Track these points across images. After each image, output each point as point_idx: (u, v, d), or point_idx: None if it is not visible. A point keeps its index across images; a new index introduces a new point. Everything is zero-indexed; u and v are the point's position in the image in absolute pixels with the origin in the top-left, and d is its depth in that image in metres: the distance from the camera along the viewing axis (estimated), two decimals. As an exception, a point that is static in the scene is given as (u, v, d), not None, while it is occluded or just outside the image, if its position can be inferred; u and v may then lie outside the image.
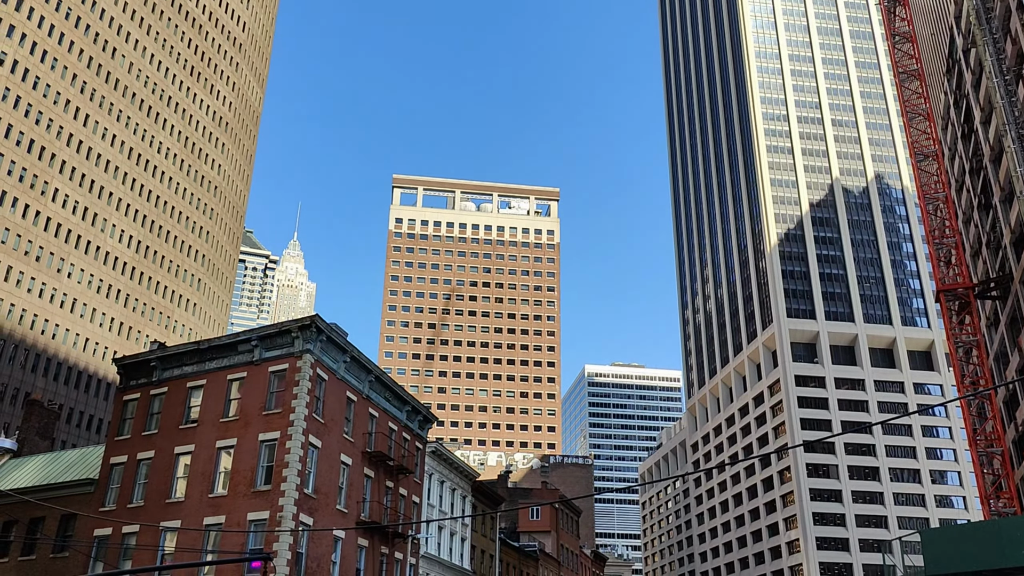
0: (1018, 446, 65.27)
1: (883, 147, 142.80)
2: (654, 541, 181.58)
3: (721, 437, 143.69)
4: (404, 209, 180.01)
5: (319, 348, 35.78)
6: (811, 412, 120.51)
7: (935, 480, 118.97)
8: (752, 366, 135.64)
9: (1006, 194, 59.30)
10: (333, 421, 36.35)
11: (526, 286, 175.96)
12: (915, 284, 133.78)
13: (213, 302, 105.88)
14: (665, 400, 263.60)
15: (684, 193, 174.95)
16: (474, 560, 52.38)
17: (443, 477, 48.54)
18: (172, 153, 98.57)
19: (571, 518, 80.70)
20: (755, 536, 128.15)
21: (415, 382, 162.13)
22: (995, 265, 65.69)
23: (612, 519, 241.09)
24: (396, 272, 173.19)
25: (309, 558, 33.48)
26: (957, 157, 73.72)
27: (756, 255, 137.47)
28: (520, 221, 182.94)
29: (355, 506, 37.26)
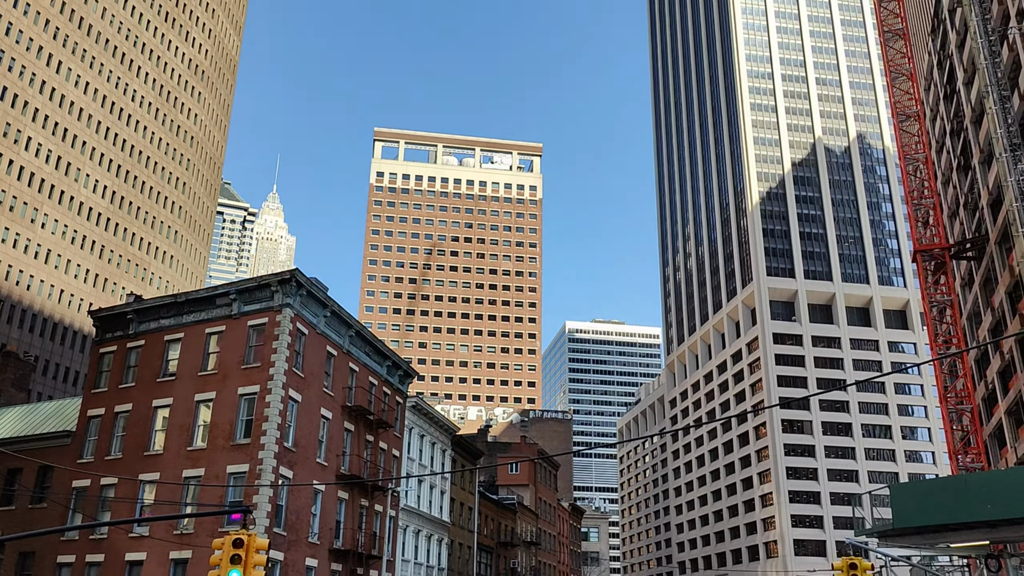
0: (987, 403, 66.62)
1: (866, 107, 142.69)
2: (631, 494, 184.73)
3: (699, 393, 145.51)
4: (385, 163, 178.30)
5: (299, 302, 35.62)
6: (788, 369, 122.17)
7: (905, 436, 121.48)
8: (731, 323, 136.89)
9: (985, 156, 59.59)
10: (313, 375, 36.37)
11: (508, 242, 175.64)
12: (893, 244, 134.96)
13: (190, 254, 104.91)
14: (644, 357, 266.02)
15: (668, 151, 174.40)
16: (453, 512, 53.06)
17: (423, 431, 48.88)
18: (147, 102, 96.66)
19: (549, 472, 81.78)
20: (730, 490, 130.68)
21: (395, 337, 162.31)
22: (971, 226, 66.28)
23: (590, 472, 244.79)
24: (377, 226, 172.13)
25: (289, 511, 33.75)
26: (938, 118, 73.81)
27: (738, 213, 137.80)
28: (502, 176, 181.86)
29: (335, 460, 37.49)
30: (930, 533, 23.16)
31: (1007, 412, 60.01)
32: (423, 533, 47.59)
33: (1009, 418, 60.02)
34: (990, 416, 65.96)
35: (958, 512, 21.85)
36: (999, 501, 20.79)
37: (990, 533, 21.93)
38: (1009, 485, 21.47)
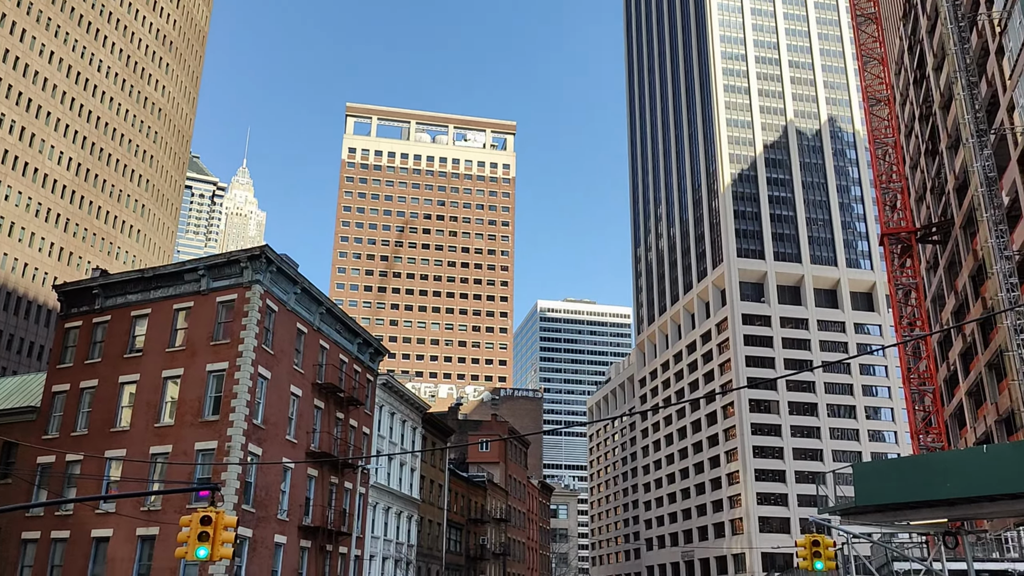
0: (949, 385, 68.01)
1: (838, 91, 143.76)
2: (600, 472, 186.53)
3: (668, 373, 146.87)
4: (357, 139, 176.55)
5: (269, 279, 35.28)
6: (756, 350, 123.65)
7: (869, 416, 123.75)
8: (701, 304, 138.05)
9: (952, 141, 60.38)
10: (283, 352, 36.13)
11: (480, 220, 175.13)
12: (861, 227, 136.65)
13: (158, 229, 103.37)
14: (615, 336, 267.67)
15: (641, 131, 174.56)
16: (423, 490, 53.23)
17: (394, 409, 48.85)
18: (113, 72, 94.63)
19: (519, 450, 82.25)
20: (697, 468, 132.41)
21: (367, 314, 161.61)
22: (938, 210, 67.29)
23: (560, 450, 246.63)
24: (349, 203, 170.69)
25: (258, 488, 33.63)
26: (908, 103, 74.58)
27: (709, 195, 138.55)
28: (475, 154, 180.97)
29: (305, 437, 37.38)
30: (891, 511, 23.63)
31: (967, 393, 61.32)
32: (393, 510, 47.72)
33: (969, 399, 61.35)
34: (951, 397, 67.37)
35: (919, 490, 22.28)
36: (958, 480, 21.25)
37: (949, 511, 22.43)
38: (968, 464, 21.94)
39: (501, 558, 69.96)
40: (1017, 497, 20.86)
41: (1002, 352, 47.34)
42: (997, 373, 54.52)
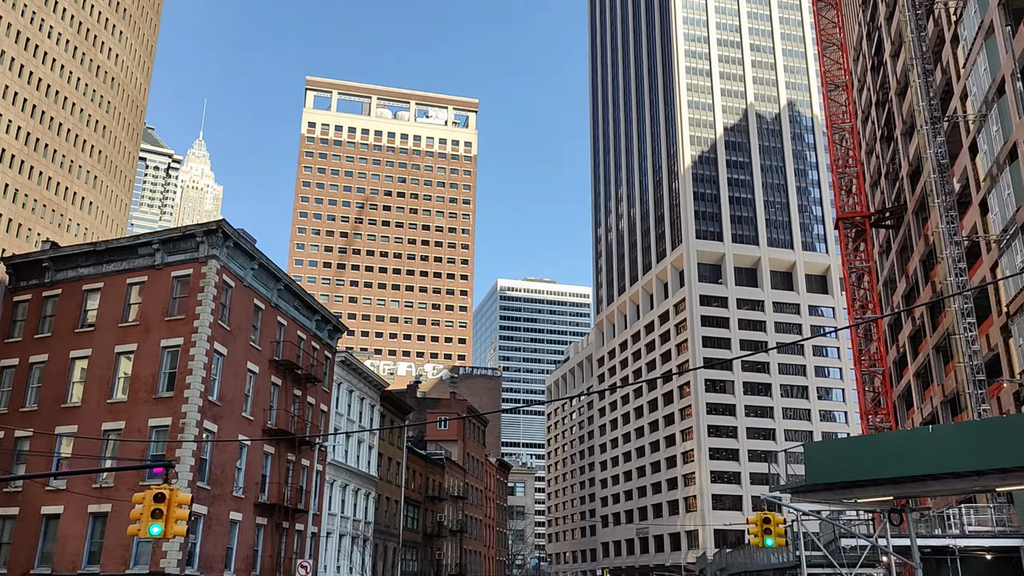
0: (898, 366, 69.76)
1: (797, 75, 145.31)
2: (558, 450, 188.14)
3: (627, 352, 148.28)
4: (317, 113, 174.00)
5: (225, 254, 34.73)
6: (713, 331, 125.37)
7: (821, 396, 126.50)
8: (660, 285, 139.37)
9: (907, 127, 61.50)
10: (239, 329, 35.66)
11: (441, 198, 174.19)
12: (817, 211, 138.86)
13: (111, 201, 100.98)
14: (575, 316, 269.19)
15: (603, 112, 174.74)
16: (381, 467, 53.18)
17: (352, 386, 48.62)
18: (64, 39, 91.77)
19: (478, 428, 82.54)
20: (653, 447, 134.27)
21: (326, 291, 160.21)
22: (891, 196, 68.62)
23: (518, 428, 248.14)
24: (308, 178, 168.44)
25: (213, 464, 33.30)
26: (865, 89, 75.72)
27: (670, 176, 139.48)
28: (437, 131, 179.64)
29: (262, 414, 37.05)
30: (840, 489, 24.21)
31: (915, 375, 62.98)
32: (350, 487, 47.64)
33: (917, 380, 63.01)
34: (900, 378, 69.13)
35: (867, 469, 22.84)
36: (904, 459, 21.83)
37: (895, 489, 23.07)
38: (914, 444, 22.54)
39: (458, 535, 70.37)
40: (960, 475, 21.50)
41: (949, 335, 48.62)
42: (944, 356, 56.03)
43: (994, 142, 43.26)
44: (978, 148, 46.25)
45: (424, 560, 61.69)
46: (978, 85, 44.74)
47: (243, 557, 34.95)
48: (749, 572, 45.85)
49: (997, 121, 42.63)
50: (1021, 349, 41.99)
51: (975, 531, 36.29)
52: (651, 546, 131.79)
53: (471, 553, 75.58)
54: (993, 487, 21.73)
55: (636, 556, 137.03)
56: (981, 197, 46.11)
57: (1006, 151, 42.01)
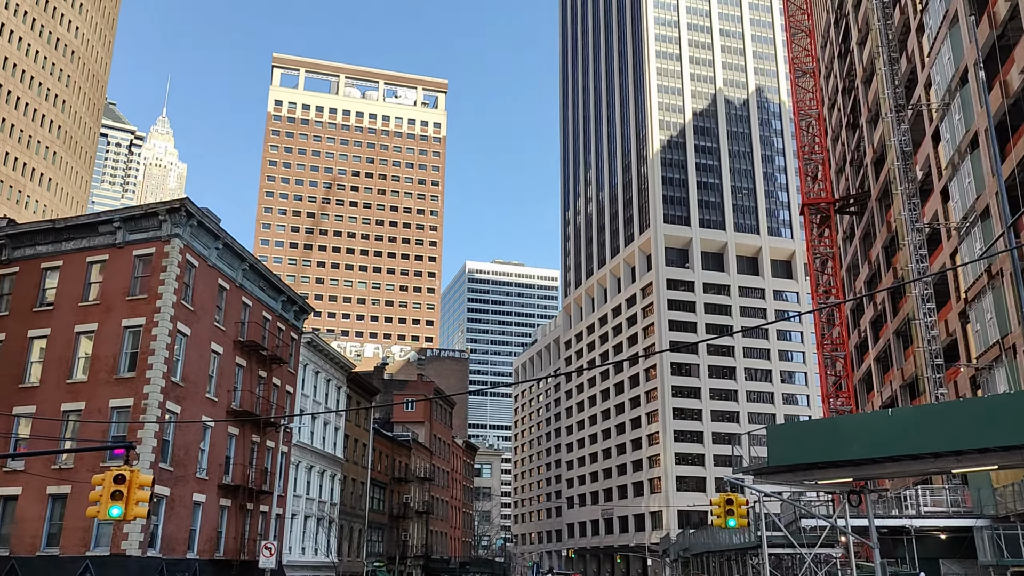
0: (859, 351, 71.02)
1: (766, 61, 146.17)
2: (524, 432, 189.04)
3: (594, 335, 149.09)
4: (284, 91, 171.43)
5: (189, 233, 34.15)
6: (680, 315, 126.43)
7: (784, 380, 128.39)
8: (627, 268, 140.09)
9: (872, 115, 62.26)
10: (203, 309, 35.16)
11: (410, 179, 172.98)
12: (783, 197, 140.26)
13: (71, 178, 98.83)
14: (543, 299, 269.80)
15: (573, 95, 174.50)
16: (347, 449, 53.00)
17: (318, 368, 48.29)
18: (23, 11, 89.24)
19: (445, 409, 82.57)
20: (619, 429, 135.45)
21: (292, 272, 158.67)
22: (856, 183, 69.55)
23: (485, 410, 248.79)
24: (274, 157, 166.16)
25: (176, 446, 32.90)
26: (832, 76, 76.45)
27: (639, 160, 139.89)
28: (406, 111, 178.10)
29: (226, 395, 36.64)
30: (801, 471, 24.58)
31: (876, 359, 64.16)
32: (316, 469, 47.43)
33: (877, 364, 64.22)
34: (861, 362, 70.39)
35: (828, 451, 23.20)
36: (864, 441, 22.21)
37: (855, 471, 23.47)
38: (873, 427, 22.94)
39: (424, 516, 70.49)
40: (918, 458, 21.94)
41: (909, 320, 49.52)
42: (904, 340, 57.12)
43: (956, 131, 43.94)
44: (941, 137, 46.96)
45: (390, 541, 61.75)
46: (942, 74, 45.35)
47: (207, 539, 34.69)
48: (711, 552, 46.55)
49: (960, 110, 43.28)
50: (978, 335, 42.92)
51: (930, 511, 37.18)
52: (616, 527, 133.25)
53: (437, 534, 75.80)
54: (949, 469, 22.22)
55: (601, 537, 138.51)
56: (943, 185, 46.90)
57: (967, 140, 42.70)
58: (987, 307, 41.30)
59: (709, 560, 49.37)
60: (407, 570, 66.22)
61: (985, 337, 41.41)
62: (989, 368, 41.68)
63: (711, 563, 48.78)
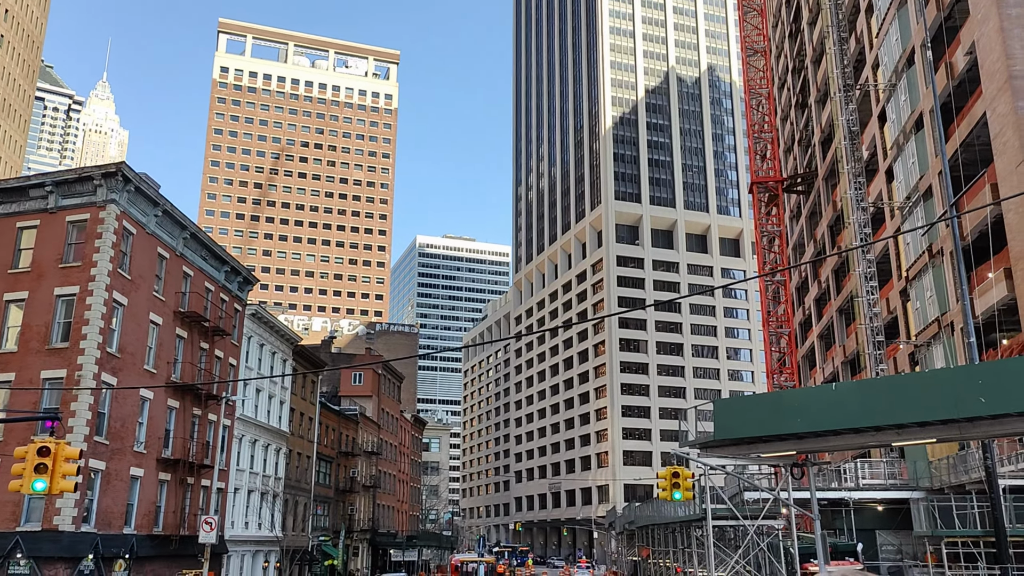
0: (803, 328, 72.39)
1: (718, 40, 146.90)
2: (474, 407, 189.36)
3: (544, 311, 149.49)
4: (231, 58, 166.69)
5: (126, 199, 32.84)
6: (629, 291, 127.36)
7: (730, 356, 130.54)
8: (578, 244, 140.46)
9: (821, 95, 62.95)
10: (142, 278, 33.94)
11: (360, 151, 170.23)
12: (732, 176, 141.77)
13: (4, 142, 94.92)
14: (494, 274, 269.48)
15: (527, 69, 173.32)
16: (293, 422, 52.20)
17: (263, 340, 47.28)
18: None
19: (393, 383, 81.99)
20: (567, 403, 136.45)
21: (238, 243, 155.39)
22: (803, 162, 70.45)
23: (435, 386, 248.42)
24: (220, 125, 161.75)
25: (112, 418, 31.84)
26: (783, 56, 77.08)
27: (591, 136, 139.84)
28: (357, 82, 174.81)
29: (165, 367, 35.56)
30: (746, 444, 24.79)
31: (819, 336, 65.45)
32: (260, 443, 46.60)
33: (820, 342, 65.53)
34: (804, 339, 71.77)
35: (772, 425, 23.39)
36: (808, 415, 22.45)
37: (797, 444, 23.74)
38: (817, 401, 23.23)
39: (371, 490, 70.10)
40: (859, 431, 22.26)
41: (853, 298, 50.46)
42: (847, 318, 58.31)
43: (902, 111, 44.59)
44: (887, 117, 47.65)
45: (336, 515, 61.25)
46: (889, 55, 45.91)
47: (144, 513, 33.78)
48: (656, 524, 47.14)
49: (906, 91, 43.89)
50: (918, 312, 43.91)
51: (868, 484, 38.06)
52: (563, 500, 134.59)
53: (384, 508, 75.51)
54: (889, 442, 22.62)
55: (548, 510, 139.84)
56: (887, 165, 47.67)
57: (912, 120, 43.37)
58: (927, 285, 42.23)
59: (654, 532, 50.04)
60: (353, 544, 65.85)
61: (924, 315, 42.39)
62: (927, 345, 42.73)
63: (656, 535, 49.44)
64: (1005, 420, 20.14)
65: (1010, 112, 33.09)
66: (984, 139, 36.82)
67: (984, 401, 19.49)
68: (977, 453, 34.14)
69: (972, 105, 37.17)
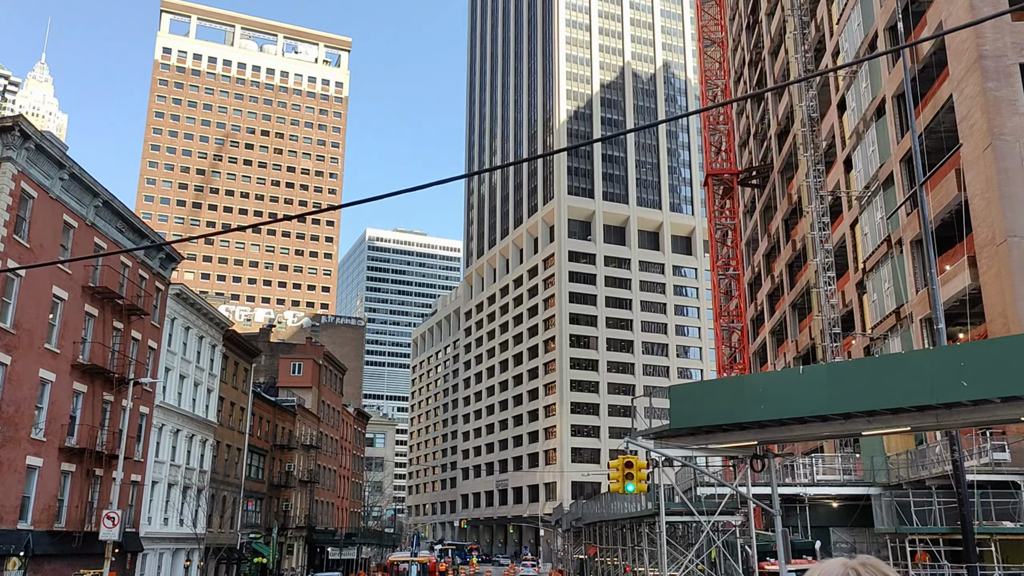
0: (755, 324, 71.48)
1: (674, 37, 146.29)
2: (421, 403, 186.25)
3: (495, 306, 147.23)
4: (174, 38, 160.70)
5: (25, 158, 29.54)
6: (580, 287, 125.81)
7: (679, 354, 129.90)
8: (530, 239, 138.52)
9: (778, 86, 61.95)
10: (43, 247, 30.62)
11: (308, 139, 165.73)
12: (685, 173, 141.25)
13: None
14: (444, 269, 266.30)
15: (481, 61, 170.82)
16: (222, 412, 48.99)
17: (189, 323, 44.02)
18: None
19: (335, 375, 78.89)
20: (516, 400, 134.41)
21: (179, 230, 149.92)
22: (759, 156, 69.54)
23: (382, 381, 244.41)
24: (161, 108, 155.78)
25: (5, 401, 28.57)
26: (740, 49, 76.11)
27: (545, 130, 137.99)
28: (306, 68, 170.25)
29: (71, 347, 32.28)
30: (703, 434, 22.88)
31: (771, 332, 64.44)
32: (183, 433, 43.35)
33: (772, 337, 64.53)
34: (756, 335, 70.86)
35: (733, 413, 21.50)
36: (771, 402, 20.57)
37: (760, 434, 21.87)
38: (782, 386, 21.36)
39: (309, 485, 66.99)
40: (827, 419, 20.41)
41: (808, 290, 49.26)
42: (800, 313, 57.28)
43: (862, 99, 43.43)
44: (846, 106, 46.54)
45: (269, 511, 58.08)
46: (850, 41, 44.72)
47: (44, 507, 30.52)
48: (605, 521, 45.21)
49: (867, 78, 42.71)
50: (875, 304, 42.74)
51: (824, 480, 36.61)
52: (510, 498, 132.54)
53: (323, 504, 72.38)
54: (859, 431, 20.78)
55: (495, 508, 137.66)
56: (846, 155, 46.52)
57: (873, 107, 42.19)
58: (885, 276, 41.05)
59: (602, 529, 48.13)
60: (288, 541, 62.74)
61: (881, 307, 41.22)
62: (884, 338, 41.56)
63: (604, 532, 47.53)
64: (986, 407, 18.44)
65: (978, 94, 31.81)
66: (948, 125, 35.66)
67: (966, 385, 17.77)
68: (937, 448, 32.85)
69: (938, 88, 35.95)
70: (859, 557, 2.14)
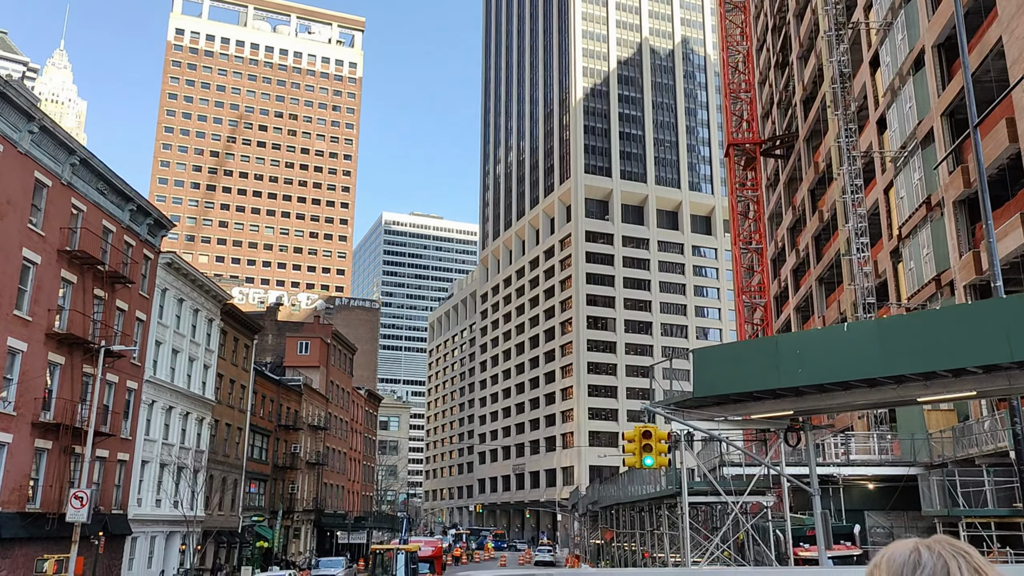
0: (778, 301, 68.53)
1: (692, 12, 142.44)
2: (438, 387, 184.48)
3: (511, 288, 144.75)
4: (187, 19, 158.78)
5: (-11, 109, 27.30)
6: (598, 267, 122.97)
7: (699, 336, 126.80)
8: (547, 220, 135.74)
9: (804, 50, 58.84)
10: (10, 206, 28.38)
11: (323, 120, 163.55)
12: (704, 151, 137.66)
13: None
14: (461, 253, 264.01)
15: (496, 41, 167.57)
16: (221, 390, 46.86)
17: (182, 295, 41.82)
18: None
19: (345, 355, 76.76)
20: (533, 383, 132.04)
21: (193, 213, 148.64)
22: (783, 125, 66.43)
23: (399, 365, 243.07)
24: (175, 90, 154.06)
25: (-31, 372, 26.48)
26: (762, 15, 72.90)
27: (561, 109, 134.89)
28: (320, 49, 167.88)
29: (45, 315, 30.08)
30: (731, 403, 20.26)
31: (795, 308, 61.47)
32: (177, 411, 41.22)
33: (797, 314, 61.57)
34: (780, 313, 67.89)
35: (766, 378, 18.83)
36: (811, 365, 17.86)
37: (796, 402, 19.22)
38: (822, 347, 18.63)
39: (317, 468, 64.97)
40: (876, 384, 17.68)
41: (839, 259, 46.31)
42: (827, 288, 54.33)
43: (898, 52, 40.38)
44: (880, 62, 43.49)
45: (274, 494, 56.06)
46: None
47: (15, 487, 28.44)
48: (622, 504, 42.72)
49: (903, 28, 39.65)
50: (911, 273, 39.78)
51: (863, 460, 33.84)
52: (527, 482, 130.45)
53: (332, 487, 70.40)
54: (913, 397, 18.06)
55: (512, 492, 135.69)
56: (879, 114, 43.51)
57: (911, 60, 39.16)
58: (923, 242, 38.09)
59: (619, 513, 45.63)
60: (295, 525, 60.79)
61: (920, 275, 38.31)
62: (922, 308, 38.66)
63: (622, 516, 45.05)
64: (1069, 366, 15.74)
65: (1033, 32, 28.76)
66: (997, 72, 32.61)
67: (1048, 339, 15.04)
68: (987, 423, 30.01)
69: (985, 30, 32.86)
70: (932, 537, 2.08)
